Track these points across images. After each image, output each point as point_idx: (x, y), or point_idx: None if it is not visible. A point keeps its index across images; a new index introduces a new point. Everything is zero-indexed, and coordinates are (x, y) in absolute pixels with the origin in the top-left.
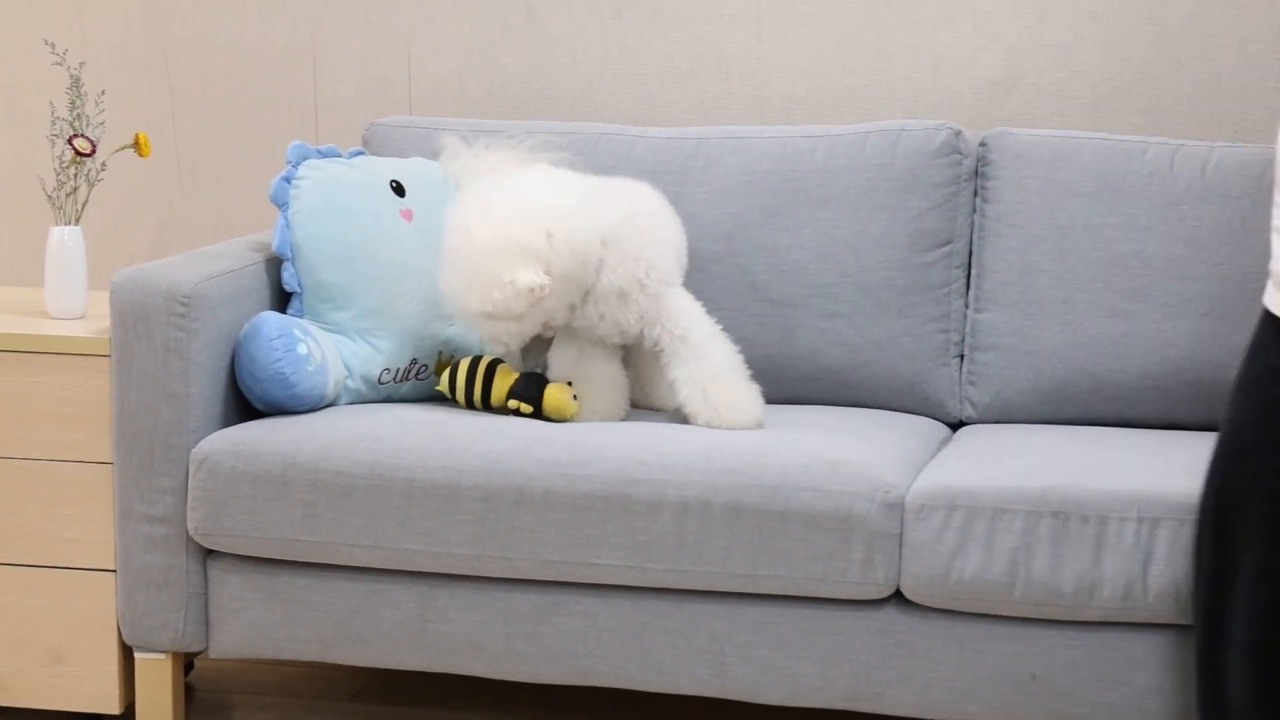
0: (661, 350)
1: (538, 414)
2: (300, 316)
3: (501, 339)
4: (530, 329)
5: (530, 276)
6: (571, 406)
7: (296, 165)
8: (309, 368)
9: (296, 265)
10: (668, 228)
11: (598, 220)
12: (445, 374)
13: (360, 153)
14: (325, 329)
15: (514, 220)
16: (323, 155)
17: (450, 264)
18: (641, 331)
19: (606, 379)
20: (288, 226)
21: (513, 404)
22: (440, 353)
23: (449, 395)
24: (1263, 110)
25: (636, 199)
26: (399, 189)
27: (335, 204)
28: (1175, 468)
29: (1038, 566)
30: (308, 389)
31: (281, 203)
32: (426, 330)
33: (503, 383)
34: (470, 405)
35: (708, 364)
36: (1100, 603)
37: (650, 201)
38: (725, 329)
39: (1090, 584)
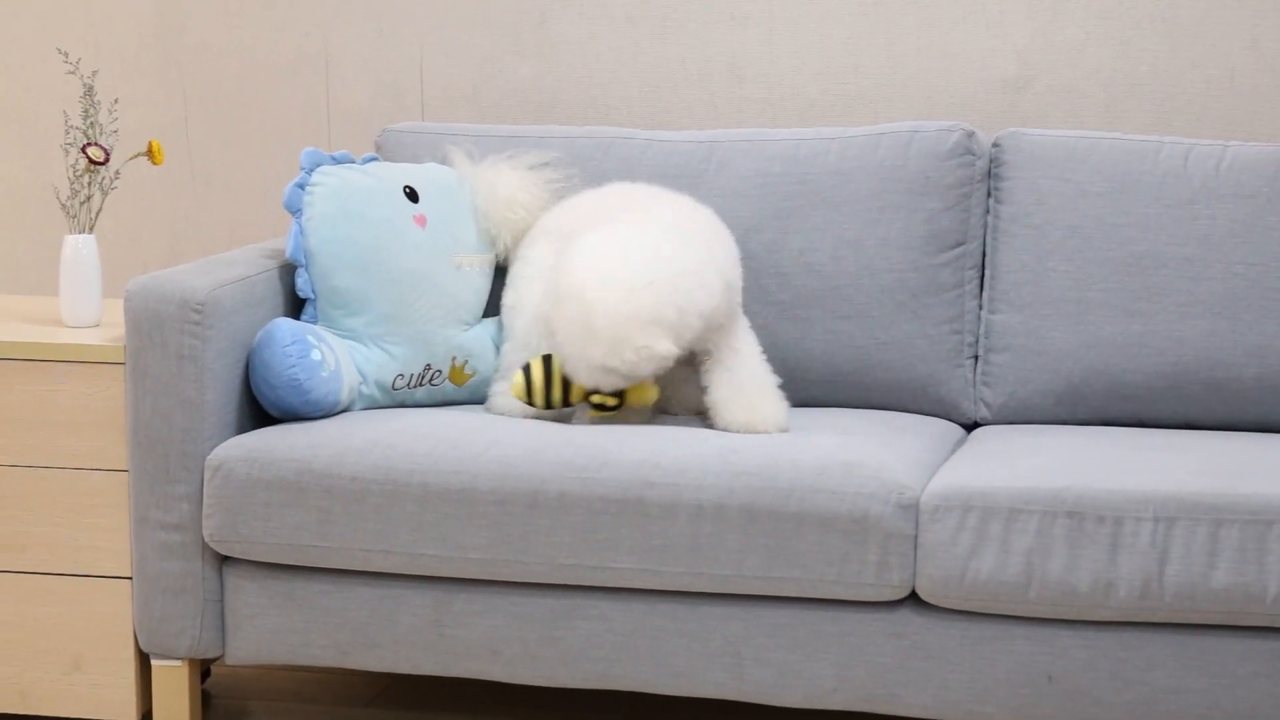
0: (709, 357)
1: (618, 406)
2: (314, 323)
3: (605, 388)
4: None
5: (666, 346)
6: (653, 390)
7: (310, 171)
8: (323, 374)
9: (310, 271)
10: (734, 247)
11: (719, 277)
12: (518, 378)
13: (374, 158)
14: (339, 335)
15: (647, 291)
16: (336, 161)
17: (570, 314)
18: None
19: (681, 371)
20: (301, 233)
21: (596, 399)
22: (454, 358)
23: (525, 399)
24: (1276, 108)
25: (712, 225)
26: (412, 195)
27: (349, 210)
28: (1191, 467)
29: (1053, 567)
30: (322, 395)
31: (295, 209)
32: (440, 336)
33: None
34: (549, 405)
35: (751, 373)
36: (1116, 603)
37: (717, 222)
38: None
39: (1106, 584)
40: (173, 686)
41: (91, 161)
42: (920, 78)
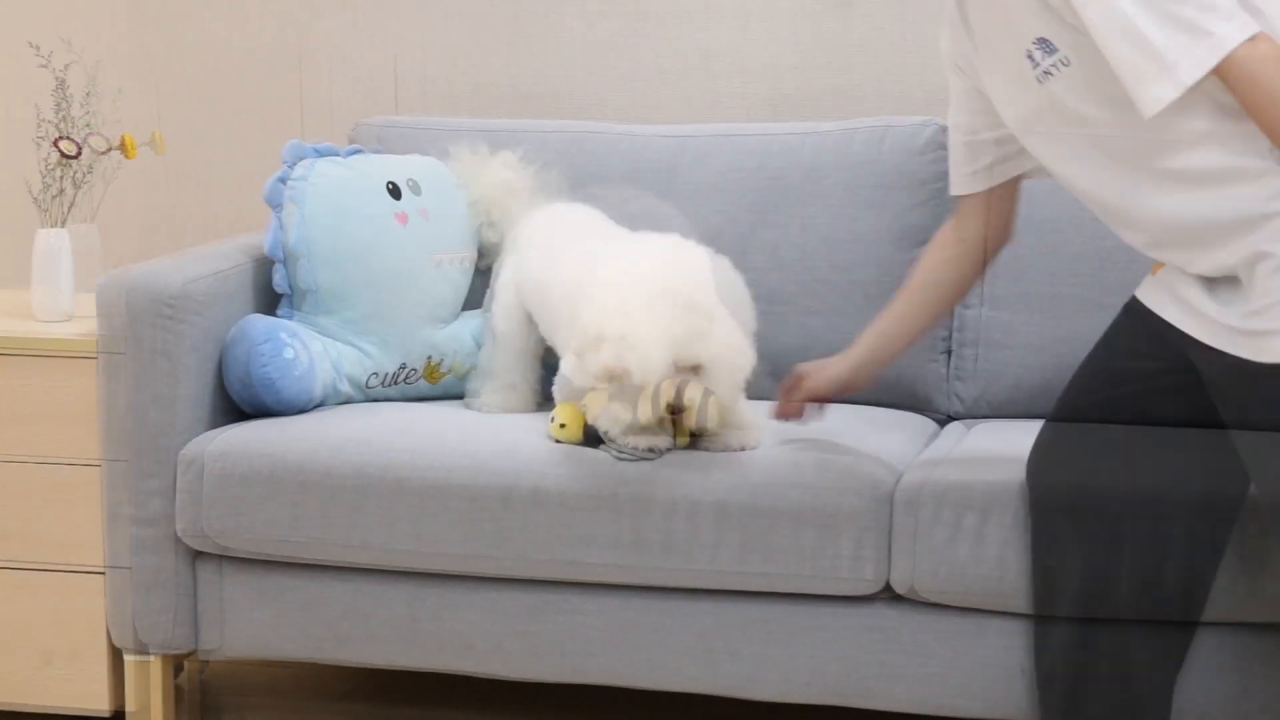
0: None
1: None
2: (291, 318)
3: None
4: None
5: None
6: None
7: (293, 165)
8: (295, 372)
9: (294, 267)
10: None
11: None
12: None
13: (358, 151)
14: (316, 331)
15: None
16: (319, 154)
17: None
18: None
19: None
20: (282, 228)
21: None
22: (429, 357)
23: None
24: None
25: None
26: (395, 191)
27: (337, 205)
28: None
29: (1026, 561)
30: (294, 394)
31: (277, 203)
32: (418, 335)
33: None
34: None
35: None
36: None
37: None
38: None
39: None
40: (146, 681)
41: (94, 152)
42: (894, 72)
